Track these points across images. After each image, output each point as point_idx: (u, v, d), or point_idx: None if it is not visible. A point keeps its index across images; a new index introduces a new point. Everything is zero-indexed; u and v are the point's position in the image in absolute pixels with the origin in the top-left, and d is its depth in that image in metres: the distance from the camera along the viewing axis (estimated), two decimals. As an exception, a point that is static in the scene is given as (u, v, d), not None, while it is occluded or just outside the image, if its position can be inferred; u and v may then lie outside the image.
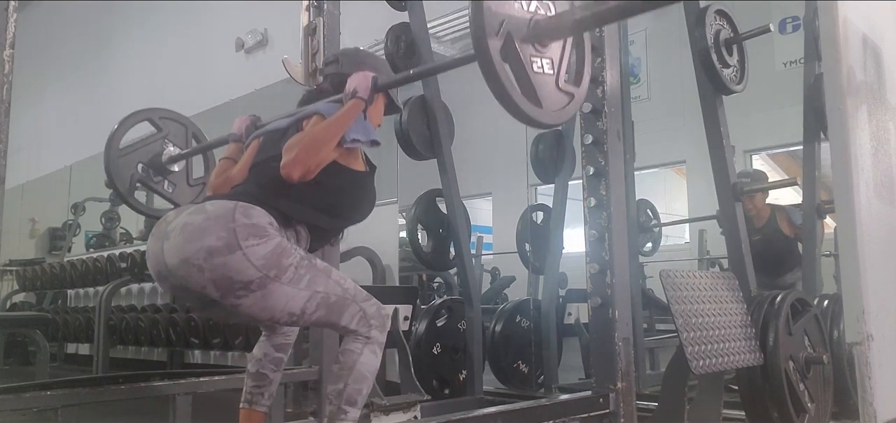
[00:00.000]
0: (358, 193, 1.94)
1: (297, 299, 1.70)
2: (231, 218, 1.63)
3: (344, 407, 1.74)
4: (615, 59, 2.24)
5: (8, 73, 1.24)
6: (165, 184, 2.68)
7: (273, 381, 2.05)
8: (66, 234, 8.28)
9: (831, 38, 1.80)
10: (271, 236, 1.67)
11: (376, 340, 1.79)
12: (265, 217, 1.69)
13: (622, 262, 2.16)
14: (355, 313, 1.78)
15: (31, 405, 2.25)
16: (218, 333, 4.58)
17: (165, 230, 1.69)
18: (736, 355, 2.24)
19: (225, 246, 1.60)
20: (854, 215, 1.78)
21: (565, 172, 3.73)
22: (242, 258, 1.61)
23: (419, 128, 3.34)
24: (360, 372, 1.75)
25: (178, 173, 2.72)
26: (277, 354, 2.06)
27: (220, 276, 1.60)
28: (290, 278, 1.68)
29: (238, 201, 1.70)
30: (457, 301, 3.54)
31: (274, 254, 1.65)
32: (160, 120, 2.67)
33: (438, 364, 3.41)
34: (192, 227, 1.63)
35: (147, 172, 2.61)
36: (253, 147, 2.03)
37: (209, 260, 1.59)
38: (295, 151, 1.73)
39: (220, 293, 1.63)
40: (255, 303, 1.66)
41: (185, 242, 1.62)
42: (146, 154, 2.61)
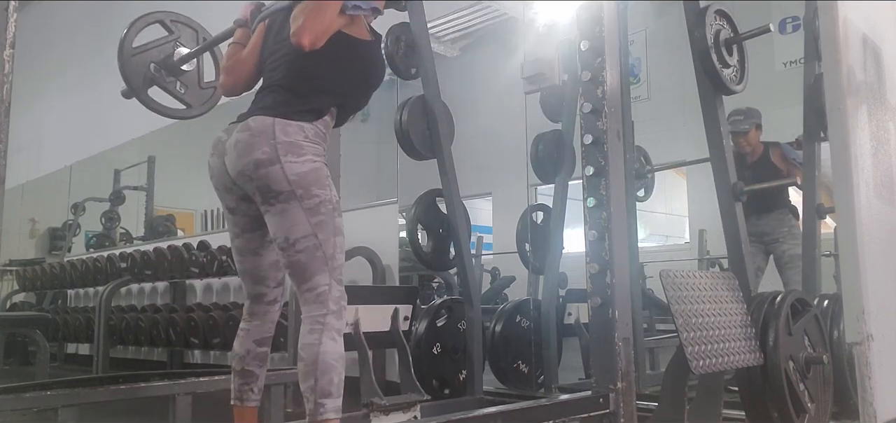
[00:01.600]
0: (367, 61, 2.06)
1: (300, 227, 1.83)
2: (272, 134, 1.83)
3: (320, 401, 1.76)
4: (615, 59, 2.24)
5: (8, 73, 1.24)
6: (177, 85, 2.72)
7: (259, 377, 2.08)
8: (66, 234, 8.28)
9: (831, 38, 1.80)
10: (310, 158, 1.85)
11: (332, 325, 1.82)
12: (300, 132, 1.86)
13: (622, 262, 2.16)
14: (323, 283, 1.83)
15: (31, 405, 2.26)
16: (218, 333, 4.58)
17: (223, 148, 1.94)
18: (736, 355, 2.24)
19: (268, 159, 1.81)
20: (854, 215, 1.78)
21: (565, 172, 3.73)
22: (280, 171, 1.81)
23: (419, 128, 3.34)
24: (325, 362, 1.77)
25: (189, 74, 2.76)
26: (260, 349, 2.09)
27: (263, 184, 1.83)
28: (309, 207, 1.83)
29: (276, 117, 1.86)
30: (457, 301, 3.54)
31: (307, 176, 1.83)
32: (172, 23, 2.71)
33: (438, 364, 3.41)
34: (242, 143, 1.86)
35: (159, 73, 2.65)
36: (260, 30, 2.16)
37: (256, 170, 1.82)
38: (301, 19, 1.84)
39: (261, 198, 1.85)
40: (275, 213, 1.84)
41: (238, 156, 1.86)
42: (158, 55, 2.66)
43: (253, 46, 2.15)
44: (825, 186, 3.55)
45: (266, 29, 2.16)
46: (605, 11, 2.21)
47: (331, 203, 1.87)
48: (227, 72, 2.18)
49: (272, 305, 2.11)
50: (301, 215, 1.82)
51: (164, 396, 2.61)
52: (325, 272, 1.84)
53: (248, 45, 2.17)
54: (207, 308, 4.85)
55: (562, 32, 3.81)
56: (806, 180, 3.50)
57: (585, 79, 2.22)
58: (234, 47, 2.21)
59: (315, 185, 1.84)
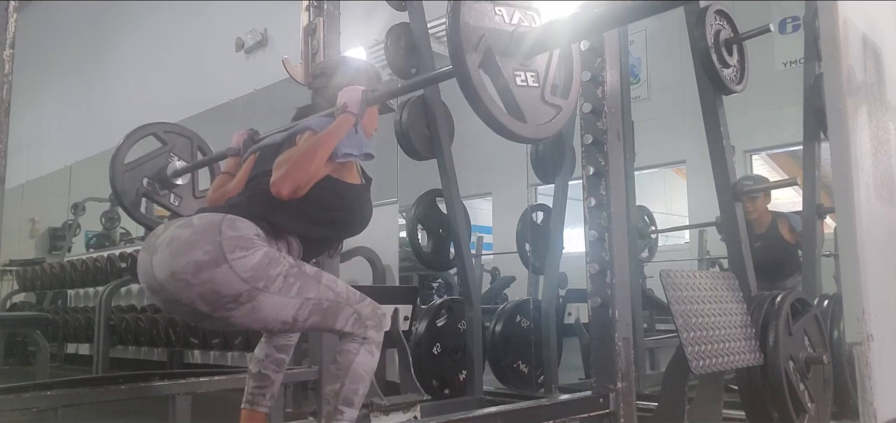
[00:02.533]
0: (351, 206, 1.93)
1: (289, 307, 1.69)
2: (217, 231, 1.62)
3: (340, 407, 1.75)
4: (615, 60, 2.24)
5: (8, 73, 1.24)
6: (171, 197, 2.70)
7: (275, 382, 2.05)
8: (66, 234, 8.28)
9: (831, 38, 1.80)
10: (258, 247, 1.66)
11: (373, 340, 1.80)
12: (251, 229, 1.69)
13: (622, 262, 2.16)
14: (349, 315, 1.78)
15: (31, 405, 2.25)
16: (218, 333, 4.58)
17: (154, 244, 1.68)
18: (736, 355, 2.24)
19: (212, 260, 1.59)
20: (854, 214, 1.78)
21: (565, 172, 3.73)
22: (229, 271, 1.60)
23: (419, 128, 3.34)
24: (356, 372, 1.76)
25: (183, 186, 2.74)
26: (279, 355, 2.06)
27: (209, 290, 1.60)
28: (279, 288, 1.67)
29: (226, 214, 1.69)
30: (457, 301, 3.54)
31: (261, 265, 1.64)
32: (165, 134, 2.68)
33: (438, 364, 3.41)
34: (178, 241, 1.62)
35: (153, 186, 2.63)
36: (249, 161, 2.04)
37: (197, 275, 1.59)
38: (284, 168, 1.72)
39: (209, 308, 1.63)
40: (245, 314, 1.65)
41: (172, 256, 1.61)
42: (151, 168, 2.64)
43: (240, 179, 2.04)
44: (825, 186, 3.55)
45: (255, 161, 2.03)
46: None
47: (293, 267, 1.72)
48: (212, 202, 2.07)
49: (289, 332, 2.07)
50: (278, 300, 1.67)
51: (164, 396, 2.61)
52: (343, 309, 1.77)
53: (236, 178, 2.07)
54: (207, 308, 4.84)
55: (562, 32, 3.80)
56: (806, 180, 3.50)
57: (585, 79, 2.22)
58: (222, 178, 2.14)
59: (271, 268, 1.66)
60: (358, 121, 1.87)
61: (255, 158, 2.04)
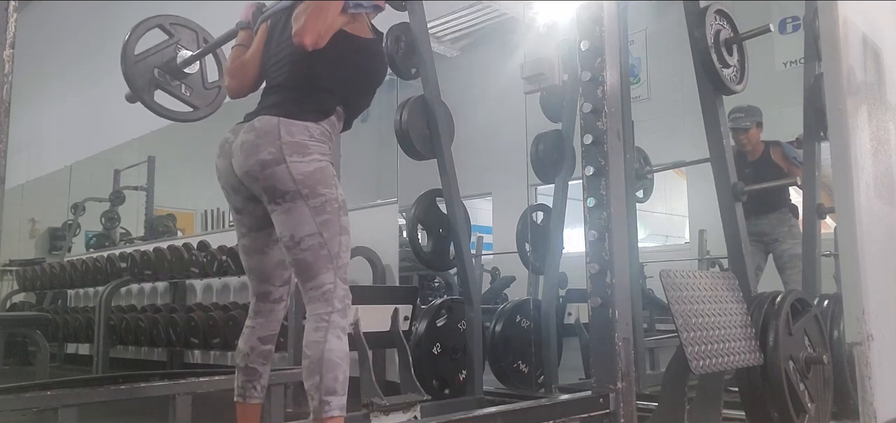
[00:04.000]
0: (369, 59, 2.06)
1: (306, 226, 1.83)
2: (277, 134, 1.84)
3: (325, 398, 1.76)
4: (615, 60, 2.24)
5: (8, 73, 1.24)
6: (182, 88, 2.72)
7: (263, 374, 2.09)
8: (66, 234, 8.28)
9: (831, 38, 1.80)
10: (315, 158, 1.86)
11: (337, 324, 1.82)
12: (305, 132, 1.87)
13: (622, 262, 2.16)
14: (328, 281, 1.84)
15: (31, 405, 2.26)
16: (218, 333, 4.58)
17: (229, 150, 1.95)
18: (736, 355, 2.24)
19: (273, 159, 1.83)
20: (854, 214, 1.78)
21: (565, 172, 3.73)
22: (286, 171, 1.82)
23: (419, 128, 3.34)
24: (329, 360, 1.77)
25: (193, 77, 2.76)
26: (264, 347, 2.10)
27: (269, 184, 1.84)
28: (315, 206, 1.84)
29: (281, 117, 1.86)
30: (457, 301, 3.54)
31: (313, 176, 1.84)
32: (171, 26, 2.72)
33: (438, 364, 3.41)
34: (248, 144, 1.87)
35: (163, 77, 2.65)
36: (262, 31, 2.16)
37: (262, 171, 1.84)
38: (303, 19, 1.83)
39: (267, 198, 1.87)
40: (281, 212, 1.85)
41: (245, 157, 1.87)
42: (160, 59, 2.66)
43: (256, 48, 2.15)
44: (825, 186, 3.55)
45: (269, 29, 2.15)
46: (605, 11, 2.22)
47: (336, 202, 1.87)
48: (232, 75, 2.17)
49: (278, 303, 2.12)
50: (307, 214, 1.83)
51: (164, 396, 2.61)
52: (329, 271, 1.84)
53: (251, 48, 2.16)
54: (207, 308, 4.85)
55: (562, 32, 3.81)
56: (806, 180, 3.50)
57: (585, 79, 2.22)
58: (237, 50, 2.21)
59: (321, 184, 1.85)
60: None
61: (266, 28, 2.15)
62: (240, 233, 2.09)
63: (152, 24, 2.69)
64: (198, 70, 2.78)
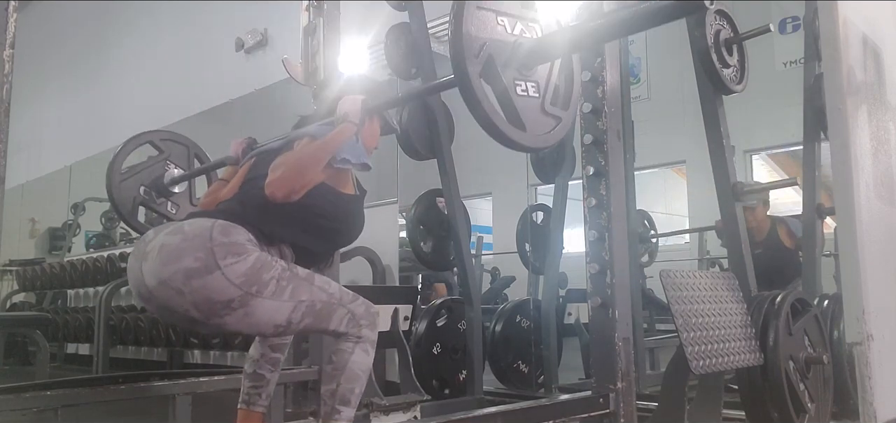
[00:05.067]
0: (345, 216, 1.91)
1: (282, 310, 1.69)
2: (208, 237, 1.61)
3: (338, 407, 1.76)
4: (615, 59, 2.24)
5: (8, 73, 1.24)
6: (168, 205, 2.70)
7: (270, 381, 2.06)
8: (66, 234, 8.27)
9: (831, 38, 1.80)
10: (250, 252, 1.65)
11: (367, 338, 1.80)
12: (243, 234, 1.67)
13: (622, 262, 2.16)
14: (343, 316, 1.79)
15: (31, 405, 2.25)
16: (218, 333, 4.58)
17: (144, 250, 1.66)
18: (736, 355, 2.24)
19: (203, 267, 1.58)
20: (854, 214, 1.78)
21: (565, 172, 3.73)
22: (221, 278, 1.58)
23: (419, 128, 3.34)
24: (352, 371, 1.76)
25: (180, 194, 2.74)
26: (274, 354, 2.07)
27: (201, 298, 1.58)
28: (273, 292, 1.66)
29: (216, 219, 1.68)
30: (457, 301, 3.54)
31: (253, 270, 1.63)
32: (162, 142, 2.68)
33: (438, 364, 3.41)
34: (168, 248, 1.60)
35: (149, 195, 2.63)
36: (246, 167, 2.02)
37: (188, 282, 1.57)
38: (280, 171, 1.71)
39: (202, 315, 1.61)
40: (238, 320, 1.64)
41: (162, 264, 1.60)
42: (148, 176, 2.64)
43: (234, 185, 1.99)
44: (825, 186, 3.55)
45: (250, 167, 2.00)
46: (605, 11, 2.21)
47: (287, 271, 1.71)
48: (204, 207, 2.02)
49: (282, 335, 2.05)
50: (271, 304, 1.66)
51: (164, 396, 2.61)
52: (336, 309, 1.77)
53: (230, 183, 2.02)
54: (207, 308, 4.84)
55: (562, 32, 3.80)
56: (806, 180, 3.50)
57: (585, 79, 2.22)
58: (217, 184, 2.12)
59: (263, 271, 1.65)
60: (358, 130, 1.88)
61: (250, 164, 2.01)
62: None
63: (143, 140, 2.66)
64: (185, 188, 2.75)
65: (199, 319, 1.63)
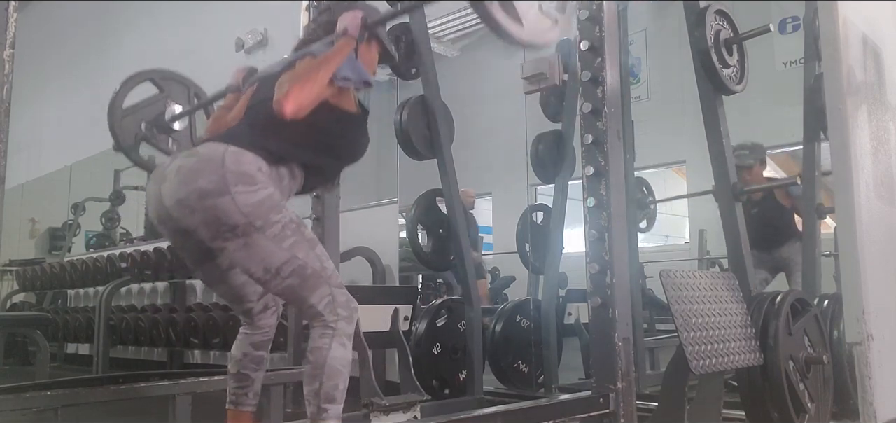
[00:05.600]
0: (349, 134, 1.96)
1: (276, 257, 1.72)
2: (221, 162, 1.69)
3: (324, 406, 1.75)
4: (615, 59, 2.24)
5: (8, 73, 1.24)
6: (169, 142, 2.71)
7: (256, 380, 2.05)
8: (66, 234, 8.27)
9: (831, 38, 1.80)
10: (262, 187, 1.71)
11: (343, 331, 1.78)
12: (254, 163, 1.73)
13: (622, 262, 2.16)
14: (325, 295, 1.77)
15: (31, 405, 2.26)
16: (218, 333, 4.58)
17: (163, 173, 1.77)
18: (736, 355, 2.24)
19: (216, 189, 1.66)
20: (854, 214, 1.78)
21: (565, 172, 3.73)
22: (231, 203, 1.66)
23: (419, 128, 3.34)
24: (332, 368, 1.75)
25: (181, 132, 2.75)
26: (257, 352, 2.06)
27: (211, 217, 1.67)
28: (274, 235, 1.71)
29: (228, 145, 1.74)
30: (457, 301, 3.54)
31: (262, 205, 1.70)
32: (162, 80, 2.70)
33: (438, 364, 3.41)
34: (185, 169, 1.71)
35: (151, 131, 2.65)
36: (248, 92, 2.06)
37: (201, 201, 1.67)
38: (286, 87, 1.75)
39: (209, 234, 1.70)
40: (237, 248, 1.70)
41: (179, 184, 1.70)
42: (149, 113, 2.65)
43: (239, 107, 2.03)
44: (825, 186, 3.55)
45: (253, 93, 2.04)
46: (605, 11, 2.21)
47: (293, 223, 1.76)
48: (211, 133, 2.07)
49: (264, 312, 2.07)
50: (269, 245, 1.70)
51: (164, 396, 2.61)
52: (322, 285, 1.77)
53: (235, 109, 2.06)
54: (207, 308, 4.85)
55: (562, 32, 3.80)
56: (806, 180, 3.50)
57: (585, 79, 2.22)
58: (220, 110, 2.15)
59: (272, 212, 1.72)
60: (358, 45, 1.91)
61: (253, 90, 2.05)
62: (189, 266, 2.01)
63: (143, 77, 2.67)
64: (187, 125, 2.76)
65: (206, 239, 1.71)
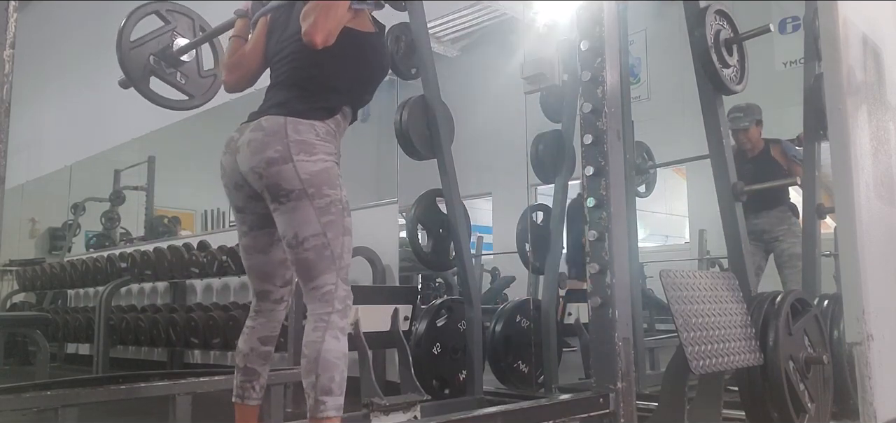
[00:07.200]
0: (373, 53, 2.06)
1: (310, 226, 1.84)
2: (284, 134, 1.85)
3: (321, 399, 1.77)
4: (615, 59, 2.24)
5: (8, 73, 1.24)
6: (178, 75, 2.72)
7: (262, 374, 2.09)
8: (66, 234, 8.28)
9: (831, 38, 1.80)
10: (322, 157, 1.87)
11: (336, 325, 1.83)
12: (312, 131, 1.88)
13: (622, 262, 2.16)
14: (330, 282, 1.85)
15: (31, 405, 2.26)
16: (218, 333, 4.58)
17: (235, 146, 1.95)
18: (736, 355, 2.24)
19: (281, 157, 1.84)
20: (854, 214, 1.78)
21: (565, 172, 3.73)
22: (292, 169, 1.83)
23: (419, 128, 3.34)
24: (326, 361, 1.78)
25: (188, 65, 2.75)
26: (264, 348, 2.09)
27: (273, 182, 1.85)
28: (320, 207, 1.84)
29: (288, 117, 1.88)
30: (457, 301, 3.54)
31: (319, 176, 1.85)
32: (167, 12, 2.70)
33: (438, 364, 3.41)
34: (255, 142, 1.88)
35: (159, 64, 2.64)
36: (262, 24, 2.14)
37: (268, 169, 1.85)
38: (312, 17, 1.80)
39: (271, 195, 1.87)
40: (285, 211, 1.86)
41: (252, 153, 1.88)
42: (156, 46, 2.65)
43: (256, 42, 2.13)
44: (825, 186, 3.55)
45: (270, 24, 2.13)
46: (605, 11, 2.22)
47: (341, 203, 1.88)
48: (231, 69, 2.16)
49: (278, 304, 2.11)
50: (311, 214, 1.84)
51: (164, 396, 2.61)
52: (332, 271, 1.85)
53: (251, 41, 2.15)
54: (207, 308, 4.85)
55: (562, 32, 3.81)
56: (806, 180, 3.50)
57: (585, 79, 2.22)
58: (235, 41, 2.19)
59: (326, 184, 1.86)
60: None
61: (267, 22, 2.13)
62: (241, 232, 2.08)
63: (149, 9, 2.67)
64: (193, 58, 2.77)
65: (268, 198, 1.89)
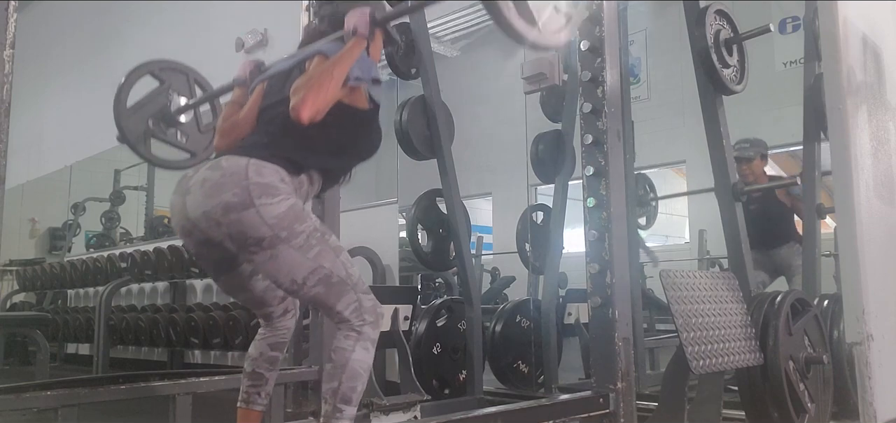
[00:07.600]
0: (364, 131, 1.97)
1: (302, 267, 1.73)
2: (244, 175, 1.70)
3: (339, 406, 1.75)
4: (615, 59, 2.24)
5: (8, 73, 1.24)
6: (178, 134, 2.71)
7: (269, 380, 2.07)
8: (66, 234, 8.28)
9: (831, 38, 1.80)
10: (285, 197, 1.73)
11: (368, 336, 1.79)
12: (276, 175, 1.75)
13: (622, 262, 2.16)
14: (352, 301, 1.79)
15: (31, 405, 2.25)
16: (218, 333, 4.58)
17: (187, 186, 1.79)
18: (736, 355, 2.24)
19: (240, 203, 1.68)
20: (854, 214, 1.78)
21: (565, 172, 3.73)
22: (256, 215, 1.68)
23: (419, 128, 3.34)
24: (353, 369, 1.75)
25: (187, 123, 2.74)
26: (272, 353, 2.07)
27: (236, 231, 1.70)
28: (300, 245, 1.73)
29: (250, 158, 1.75)
30: (457, 301, 3.54)
31: (287, 216, 1.72)
32: (161, 72, 2.69)
33: (438, 364, 3.41)
34: (210, 182, 1.72)
35: (158, 126, 2.63)
36: (258, 91, 2.06)
37: (226, 215, 1.69)
38: (302, 93, 1.74)
39: (236, 246, 1.73)
40: (265, 260, 1.73)
41: (204, 197, 1.72)
42: (154, 108, 2.64)
43: (251, 107, 2.05)
44: (825, 186, 3.55)
45: (265, 89, 2.06)
46: (605, 11, 2.22)
47: (317, 231, 1.78)
48: (223, 134, 2.06)
49: (284, 316, 2.09)
50: (295, 255, 1.73)
51: (164, 396, 2.61)
52: (348, 292, 1.79)
53: (246, 107, 2.07)
54: (207, 308, 4.85)
55: (562, 32, 3.80)
56: (806, 180, 3.50)
57: (585, 79, 2.22)
58: (230, 107, 2.13)
59: (296, 222, 1.73)
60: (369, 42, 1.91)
61: (263, 89, 2.06)
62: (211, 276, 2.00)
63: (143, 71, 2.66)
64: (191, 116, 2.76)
65: (233, 249, 1.75)
